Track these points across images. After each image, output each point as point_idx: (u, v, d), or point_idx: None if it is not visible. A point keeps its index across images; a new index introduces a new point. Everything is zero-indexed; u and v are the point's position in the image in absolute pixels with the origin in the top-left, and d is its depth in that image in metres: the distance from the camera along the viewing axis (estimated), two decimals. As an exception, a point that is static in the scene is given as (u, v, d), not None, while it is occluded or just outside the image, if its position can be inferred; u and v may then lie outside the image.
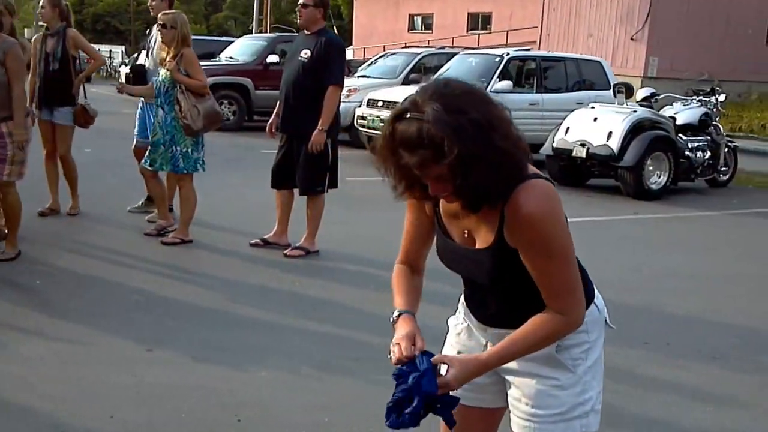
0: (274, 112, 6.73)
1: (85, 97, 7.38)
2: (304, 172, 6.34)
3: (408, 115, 1.84)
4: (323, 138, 6.20)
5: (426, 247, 2.25)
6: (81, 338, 4.57)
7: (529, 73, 13.21)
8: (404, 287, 2.21)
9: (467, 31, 34.61)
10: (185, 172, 6.48)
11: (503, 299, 2.11)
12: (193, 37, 6.62)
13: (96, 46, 7.27)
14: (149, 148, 6.57)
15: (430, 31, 36.42)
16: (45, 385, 3.93)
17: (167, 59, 6.36)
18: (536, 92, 12.81)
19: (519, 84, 12.92)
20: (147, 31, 7.84)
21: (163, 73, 6.44)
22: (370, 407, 3.81)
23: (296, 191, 6.58)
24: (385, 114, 10.98)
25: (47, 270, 5.82)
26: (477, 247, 2.04)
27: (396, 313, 2.14)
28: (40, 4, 7.13)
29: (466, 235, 2.07)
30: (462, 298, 2.28)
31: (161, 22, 6.36)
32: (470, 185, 1.86)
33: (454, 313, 2.35)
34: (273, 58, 16.29)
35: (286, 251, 6.51)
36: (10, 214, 5.89)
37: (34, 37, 7.18)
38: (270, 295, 5.57)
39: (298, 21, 6.35)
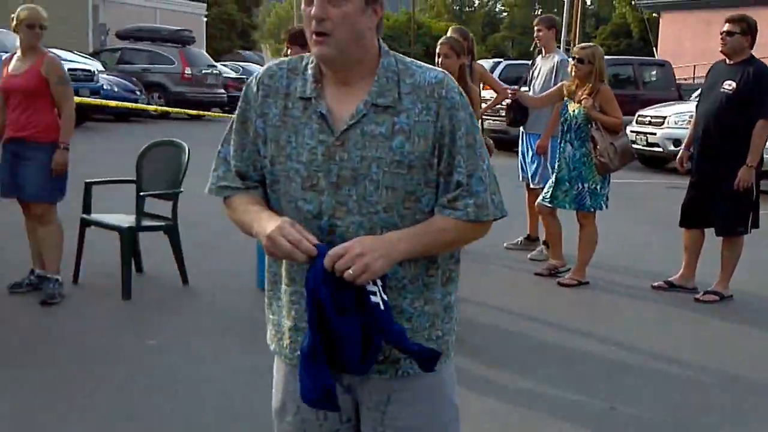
0: (683, 144, 6.29)
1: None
2: (726, 211, 5.83)
3: None
4: (748, 175, 5.70)
5: None
6: (523, 388, 4.30)
7: None
8: None
9: (792, 47, 31.70)
10: (592, 210, 6.14)
11: None
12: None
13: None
14: (552, 184, 6.23)
15: (747, 50, 33.81)
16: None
17: (581, 95, 6.03)
18: None
19: None
20: (531, 63, 7.58)
21: (573, 108, 6.10)
22: None
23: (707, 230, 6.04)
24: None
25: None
26: None
27: None
28: None
29: None
30: None
31: (577, 56, 6.04)
32: None
33: None
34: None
35: (697, 296, 5.98)
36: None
37: None
38: (701, 348, 5.03)
39: (720, 49, 5.84)
